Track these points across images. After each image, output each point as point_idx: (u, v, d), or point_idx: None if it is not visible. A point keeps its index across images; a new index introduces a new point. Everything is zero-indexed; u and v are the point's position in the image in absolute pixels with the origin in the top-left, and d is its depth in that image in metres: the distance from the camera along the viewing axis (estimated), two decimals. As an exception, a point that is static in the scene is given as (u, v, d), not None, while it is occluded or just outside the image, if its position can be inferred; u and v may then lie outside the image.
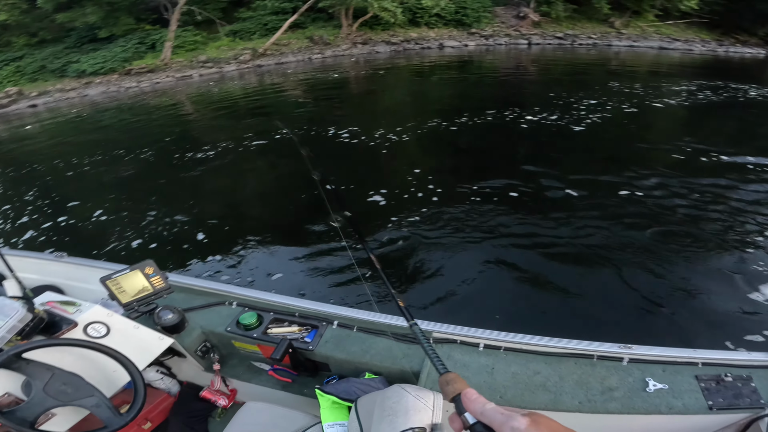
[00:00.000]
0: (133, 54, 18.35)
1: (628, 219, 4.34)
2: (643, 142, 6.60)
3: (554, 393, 1.29)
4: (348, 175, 5.93)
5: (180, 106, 12.61)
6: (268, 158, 7.03)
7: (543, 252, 3.87)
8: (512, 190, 5.10)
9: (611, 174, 5.37)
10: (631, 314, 3.10)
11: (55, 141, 9.98)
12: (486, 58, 17.60)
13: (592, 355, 1.38)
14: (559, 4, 20.03)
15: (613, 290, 3.34)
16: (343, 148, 6.98)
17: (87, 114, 12.95)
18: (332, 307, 1.74)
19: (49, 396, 1.25)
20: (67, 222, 5.36)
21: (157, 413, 1.88)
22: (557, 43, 20.12)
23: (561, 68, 14.78)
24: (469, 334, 1.47)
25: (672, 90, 10.42)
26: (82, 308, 1.48)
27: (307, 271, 3.86)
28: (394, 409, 1.02)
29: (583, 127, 7.33)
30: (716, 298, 3.17)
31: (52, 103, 15.50)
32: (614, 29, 21.11)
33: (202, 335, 1.79)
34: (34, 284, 2.23)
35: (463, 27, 20.69)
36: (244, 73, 17.56)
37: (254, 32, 19.92)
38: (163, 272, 1.74)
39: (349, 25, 20.01)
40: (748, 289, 3.26)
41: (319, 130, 7.94)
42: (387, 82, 13.61)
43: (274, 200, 5.50)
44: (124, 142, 8.69)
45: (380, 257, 3.49)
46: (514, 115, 8.19)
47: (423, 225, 4.43)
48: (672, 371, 1.31)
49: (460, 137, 7.27)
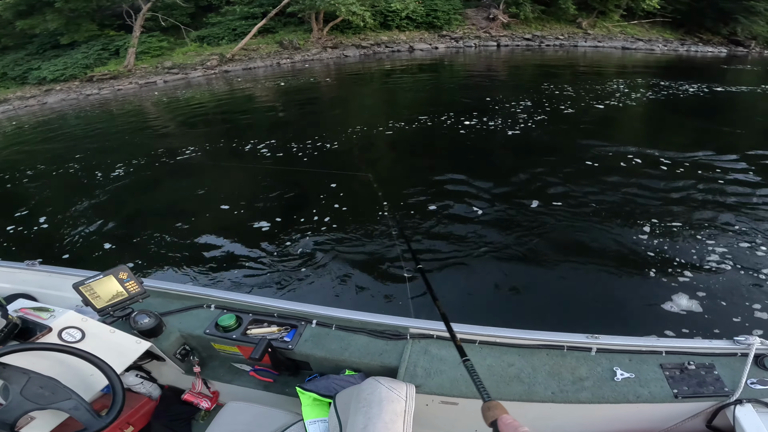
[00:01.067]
0: (95, 60, 17.93)
1: (591, 214, 4.42)
2: (602, 142, 6.63)
3: (528, 384, 1.31)
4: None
5: (142, 113, 12.31)
6: (240, 163, 6.84)
7: (518, 248, 3.92)
8: (474, 189, 5.09)
9: (574, 172, 5.48)
10: (598, 306, 3.16)
11: (12, 150, 9.62)
12: (457, 60, 17.69)
13: (563, 346, 1.41)
14: (527, 5, 20.29)
15: (580, 283, 3.44)
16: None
17: (43, 122, 12.55)
18: (311, 306, 1.75)
19: (26, 399, 1.26)
20: (35, 230, 5.14)
21: (138, 417, 1.87)
22: (525, 44, 20.37)
23: (529, 70, 14.92)
24: (445, 329, 1.45)
25: (631, 90, 10.56)
26: (56, 314, 1.51)
27: (282, 272, 3.83)
28: (368, 401, 1.07)
29: (540, 131, 7.37)
30: (673, 288, 3.23)
31: (11, 111, 15.00)
32: (581, 30, 21.47)
33: (181, 338, 1.78)
34: (5, 293, 2.20)
35: (435, 29, 20.80)
36: (210, 78, 17.28)
37: (222, 37, 19.69)
38: (137, 277, 1.74)
39: (320, 29, 19.91)
40: (708, 279, 3.32)
41: (295, 137, 7.81)
42: (352, 88, 13.53)
43: (248, 204, 5.32)
44: (84, 149, 8.46)
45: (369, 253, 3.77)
46: (465, 119, 8.17)
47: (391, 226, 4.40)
48: (638, 360, 1.35)
49: (424, 137, 7.29)
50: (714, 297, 3.12)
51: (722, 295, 3.13)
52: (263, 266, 3.95)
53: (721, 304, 3.06)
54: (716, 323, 2.89)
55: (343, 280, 3.63)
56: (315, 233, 4.37)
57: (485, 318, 3.00)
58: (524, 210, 4.55)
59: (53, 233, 5.01)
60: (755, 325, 2.84)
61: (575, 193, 4.89)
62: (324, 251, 4.04)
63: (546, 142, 6.77)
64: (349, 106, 11.26)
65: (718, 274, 3.37)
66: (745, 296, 3.10)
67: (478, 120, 7.96)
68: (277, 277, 3.76)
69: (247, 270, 3.90)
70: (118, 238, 4.73)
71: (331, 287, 3.56)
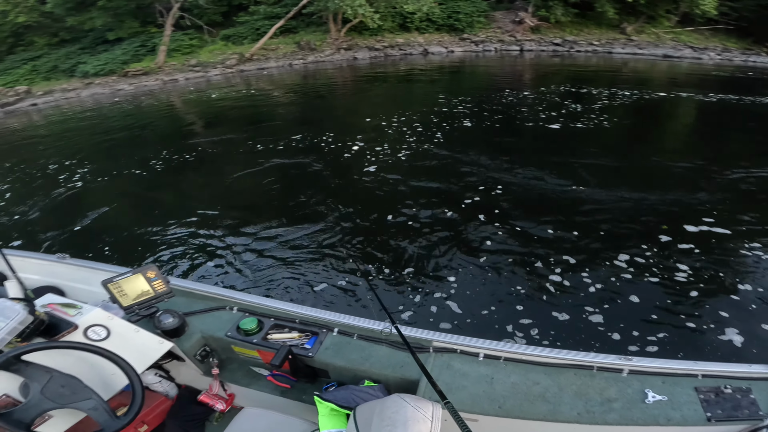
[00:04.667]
0: (132, 57, 19.60)
1: (637, 229, 4.33)
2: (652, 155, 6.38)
3: (553, 404, 1.29)
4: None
5: (165, 109, 13.30)
6: (274, 163, 7.07)
7: (545, 263, 3.90)
8: (501, 200, 5.12)
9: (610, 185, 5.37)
10: (633, 326, 3.10)
11: (45, 140, 10.86)
12: (472, 65, 16.80)
13: (592, 366, 1.38)
14: (558, 8, 18.59)
15: (616, 302, 3.36)
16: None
17: (69, 115, 14.09)
18: (333, 314, 1.75)
19: (46, 398, 1.28)
20: (68, 224, 5.57)
21: (154, 416, 1.90)
22: (552, 49, 18.77)
23: (552, 78, 13.76)
24: (469, 344, 1.48)
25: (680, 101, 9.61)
26: (83, 311, 1.52)
27: (307, 278, 3.96)
28: (393, 419, 1.04)
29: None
30: (716, 311, 3.21)
31: (52, 103, 16.98)
32: (624, 35, 19.27)
33: (202, 339, 1.82)
34: (35, 285, 2.29)
35: (455, 32, 19.89)
36: (228, 77, 18.15)
37: (246, 37, 20.49)
38: (165, 276, 1.78)
39: (338, 30, 19.96)
40: (749, 301, 3.27)
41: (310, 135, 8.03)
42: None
43: (280, 203, 5.57)
44: (119, 144, 9.34)
45: (382, 268, 3.86)
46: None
47: (419, 237, 4.44)
48: (671, 383, 1.31)
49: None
50: (755, 321, 3.07)
51: (763, 319, 3.06)
52: (285, 269, 4.03)
53: (762, 328, 2.98)
54: (755, 347, 2.84)
55: (366, 289, 3.66)
56: (341, 240, 4.45)
57: (509, 333, 3.08)
58: (561, 226, 4.47)
59: (85, 226, 5.45)
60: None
61: (612, 206, 4.81)
62: (350, 258, 4.15)
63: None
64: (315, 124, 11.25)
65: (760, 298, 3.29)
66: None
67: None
68: (298, 283, 3.84)
69: (269, 272, 4.01)
70: (146, 232, 5.01)
71: (354, 297, 3.62)
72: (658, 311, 3.21)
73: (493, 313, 3.31)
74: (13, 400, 1.31)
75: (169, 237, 4.84)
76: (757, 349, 2.80)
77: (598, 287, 3.50)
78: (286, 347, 1.57)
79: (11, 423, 1.19)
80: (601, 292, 3.45)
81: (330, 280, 3.82)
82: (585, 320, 3.16)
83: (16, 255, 2.32)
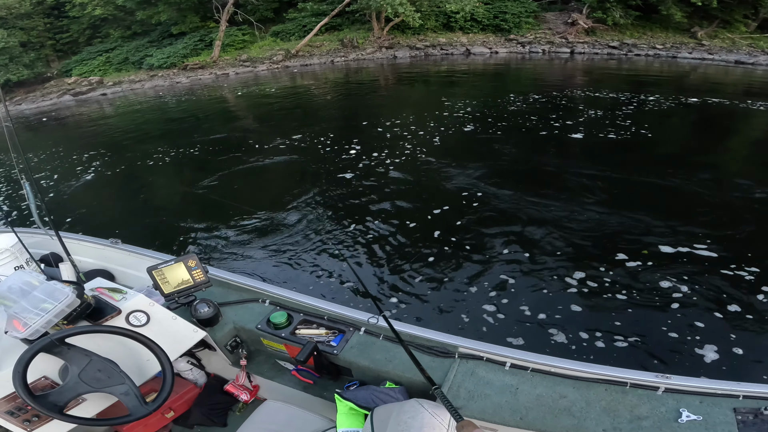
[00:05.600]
0: (191, 51, 21.09)
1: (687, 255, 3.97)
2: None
3: (578, 418, 1.25)
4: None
5: (209, 103, 14.30)
6: (323, 161, 7.12)
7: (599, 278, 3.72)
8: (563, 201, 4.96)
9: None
10: (673, 346, 2.96)
11: (116, 127, 12.11)
12: (518, 67, 16.21)
13: (626, 383, 1.33)
14: (617, 10, 17.24)
15: (653, 320, 3.20)
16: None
17: (135, 103, 15.61)
18: (360, 313, 1.76)
19: (83, 382, 1.31)
20: (125, 209, 6.11)
21: (181, 403, 1.96)
22: (607, 52, 17.50)
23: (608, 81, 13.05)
24: (497, 352, 1.46)
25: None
26: (128, 296, 1.57)
27: (338, 274, 4.04)
28: (408, 424, 1.03)
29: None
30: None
31: (120, 93, 18.85)
32: (695, 40, 17.48)
33: (234, 330, 1.87)
34: (88, 268, 2.41)
35: (501, 33, 19.17)
36: (274, 73, 19.01)
37: (293, 33, 21.21)
38: (204, 266, 1.83)
39: (381, 28, 20.04)
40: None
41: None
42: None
43: (323, 200, 5.65)
44: (177, 134, 10.08)
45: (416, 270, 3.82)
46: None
47: (456, 239, 4.40)
48: (710, 403, 1.24)
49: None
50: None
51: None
52: (315, 266, 4.14)
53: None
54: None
55: (397, 289, 3.70)
56: (377, 239, 4.50)
57: (539, 343, 3.04)
58: (608, 239, 4.28)
59: (140, 210, 5.99)
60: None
61: (665, 225, 4.45)
62: (384, 257, 4.18)
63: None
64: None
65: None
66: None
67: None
68: (326, 280, 3.92)
69: (303, 269, 4.13)
70: (192, 220, 5.33)
71: (387, 295, 3.65)
72: (701, 331, 3.02)
73: (522, 322, 3.21)
74: (51, 383, 1.35)
75: (212, 226, 5.09)
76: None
77: (638, 303, 3.31)
78: (312, 343, 1.59)
79: (46, 406, 1.22)
80: (641, 309, 3.26)
81: (363, 279, 3.79)
82: (619, 337, 3.02)
83: (72, 238, 2.46)
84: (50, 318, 1.30)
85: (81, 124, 13.57)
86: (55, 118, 15.45)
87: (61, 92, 19.01)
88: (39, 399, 1.21)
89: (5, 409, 1.27)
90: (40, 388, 1.31)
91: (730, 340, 2.96)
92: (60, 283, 1.41)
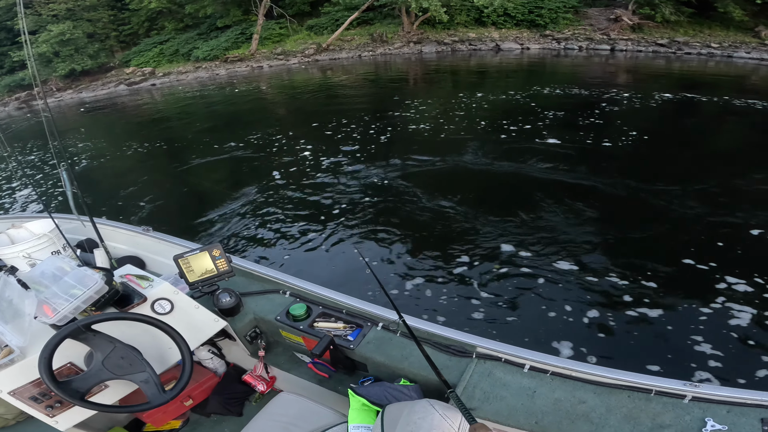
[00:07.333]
0: (233, 44, 22.26)
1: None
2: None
3: (597, 425, 1.21)
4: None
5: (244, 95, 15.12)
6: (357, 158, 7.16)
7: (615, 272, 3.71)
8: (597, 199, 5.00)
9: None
10: (701, 353, 2.89)
11: (167, 117, 13.12)
12: (554, 64, 15.47)
13: (650, 390, 1.28)
14: (667, 7, 15.71)
15: (685, 326, 3.13)
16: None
17: (183, 93, 16.97)
18: (379, 308, 1.75)
19: (106, 368, 1.32)
20: (162, 197, 6.31)
21: (200, 391, 1.95)
22: (653, 50, 16.09)
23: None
24: (516, 354, 1.44)
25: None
26: (154, 284, 1.59)
27: (351, 268, 4.08)
28: (417, 425, 1.01)
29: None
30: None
31: (167, 84, 20.47)
32: (758, 39, 15.56)
33: (254, 321, 1.88)
34: (121, 254, 2.47)
35: (536, 28, 18.24)
36: (306, 66, 19.61)
37: (326, 27, 21.63)
38: (228, 255, 1.83)
39: (411, 23, 19.87)
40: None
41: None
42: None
43: (354, 194, 5.71)
44: (216, 126, 10.61)
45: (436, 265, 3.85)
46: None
47: (479, 237, 4.42)
48: (737, 413, 1.20)
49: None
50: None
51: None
52: (339, 257, 4.21)
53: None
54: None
55: (418, 287, 3.70)
56: (402, 237, 4.53)
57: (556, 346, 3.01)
58: (638, 243, 4.22)
59: (164, 203, 6.23)
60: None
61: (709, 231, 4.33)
62: (406, 254, 4.24)
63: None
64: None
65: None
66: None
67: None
68: (345, 274, 3.98)
69: (323, 264, 4.17)
70: (220, 208, 5.53)
71: (405, 292, 3.67)
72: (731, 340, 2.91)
73: (541, 324, 3.18)
74: (76, 369, 1.37)
75: (240, 214, 5.25)
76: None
77: (669, 309, 3.26)
78: (328, 337, 1.60)
79: (68, 392, 1.23)
80: (671, 316, 3.19)
81: (382, 276, 3.79)
82: (645, 344, 2.96)
83: (107, 225, 2.53)
84: (79, 304, 1.32)
85: (128, 112, 15.08)
86: (105, 106, 17.20)
87: (119, 82, 21.07)
88: (62, 385, 1.23)
89: (29, 395, 1.31)
90: (65, 375, 1.35)
91: (763, 350, 2.85)
92: (90, 269, 1.45)
